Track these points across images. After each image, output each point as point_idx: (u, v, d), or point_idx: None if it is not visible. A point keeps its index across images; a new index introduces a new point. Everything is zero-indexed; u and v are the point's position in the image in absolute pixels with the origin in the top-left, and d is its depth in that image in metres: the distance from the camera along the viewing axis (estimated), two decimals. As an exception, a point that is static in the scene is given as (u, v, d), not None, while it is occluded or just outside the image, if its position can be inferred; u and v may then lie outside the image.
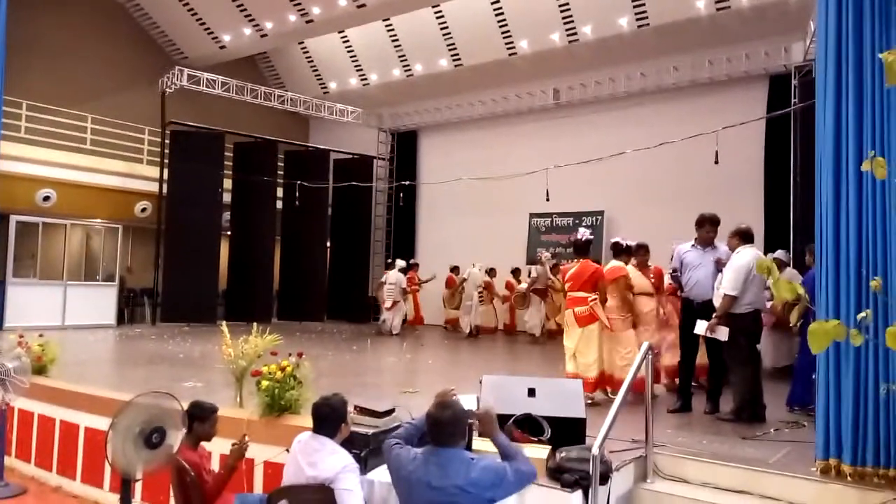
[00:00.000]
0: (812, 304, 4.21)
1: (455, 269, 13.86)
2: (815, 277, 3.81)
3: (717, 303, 5.36)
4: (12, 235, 12.01)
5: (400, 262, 13.39)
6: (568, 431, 4.01)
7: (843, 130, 3.64)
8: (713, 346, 5.57)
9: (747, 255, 5.26)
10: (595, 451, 3.15)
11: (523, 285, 12.41)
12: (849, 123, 3.61)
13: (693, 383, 5.99)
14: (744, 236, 5.45)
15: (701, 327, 5.35)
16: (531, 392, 4.29)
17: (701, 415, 5.52)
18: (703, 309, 5.54)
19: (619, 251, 6.71)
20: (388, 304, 12.88)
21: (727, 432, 4.92)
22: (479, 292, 12.98)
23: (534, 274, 11.97)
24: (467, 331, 12.86)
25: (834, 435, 3.59)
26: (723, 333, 5.22)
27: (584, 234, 6.55)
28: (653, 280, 6.77)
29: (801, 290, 2.11)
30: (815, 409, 3.87)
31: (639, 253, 6.84)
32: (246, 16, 14.86)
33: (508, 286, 13.46)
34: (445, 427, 2.85)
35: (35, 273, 12.61)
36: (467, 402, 3.52)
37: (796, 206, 10.46)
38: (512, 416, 4.04)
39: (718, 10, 11.49)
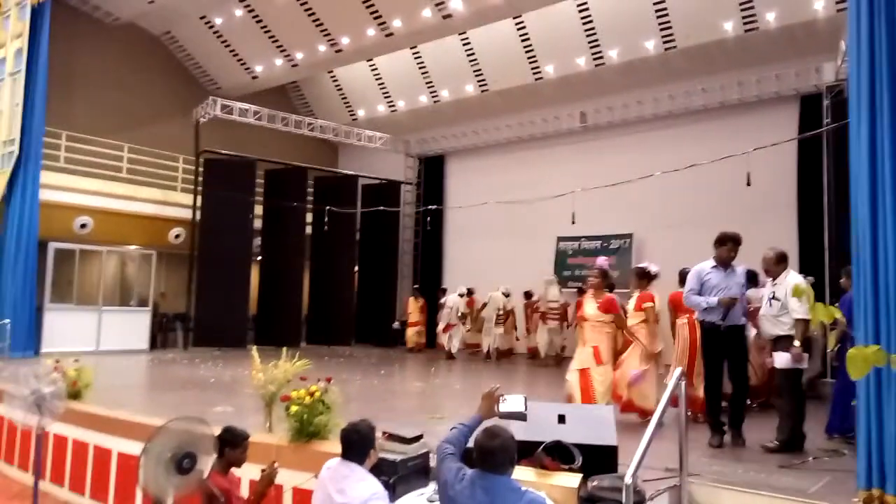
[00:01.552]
0: (850, 328, 4.10)
1: (471, 291, 14.07)
2: (854, 301, 3.72)
3: (767, 329, 5.19)
4: (50, 262, 12.32)
5: (461, 288, 14.01)
6: (599, 459, 3.93)
7: (879, 150, 3.57)
8: (738, 372, 5.39)
9: (800, 278, 5.18)
10: (628, 479, 3.07)
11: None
12: (884, 143, 3.54)
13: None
14: (786, 260, 5.36)
15: (783, 359, 5.02)
16: (561, 419, 4.22)
17: (736, 442, 5.33)
18: (731, 334, 5.32)
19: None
20: (441, 326, 13.54)
21: (764, 461, 4.78)
22: (498, 315, 13.19)
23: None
24: (485, 351, 13.16)
25: (876, 464, 3.47)
26: (805, 361, 5.04)
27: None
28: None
29: (839, 314, 2.06)
30: (854, 436, 3.75)
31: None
32: (278, 47, 15.23)
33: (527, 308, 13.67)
34: (495, 456, 2.82)
35: (72, 299, 12.90)
36: (516, 402, 3.49)
37: (831, 229, 10.26)
38: (541, 442, 3.98)
39: (747, 31, 11.42)
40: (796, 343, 4.95)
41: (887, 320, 3.45)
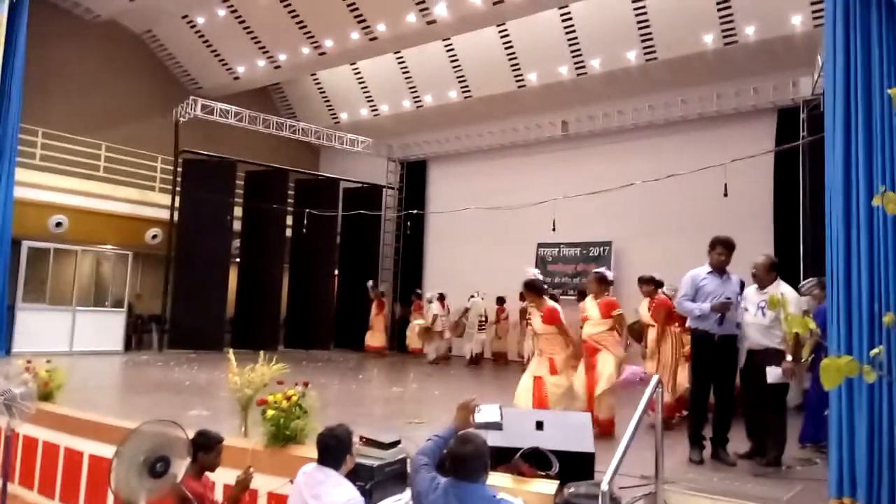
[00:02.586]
0: (823, 339, 4.17)
1: (442, 297, 14.12)
2: (827, 312, 3.77)
3: (755, 338, 5.05)
4: (24, 261, 12.09)
5: (428, 293, 14.18)
6: (576, 466, 3.95)
7: (853, 164, 3.64)
8: (726, 386, 5.22)
9: (791, 290, 5.07)
10: (604, 486, 3.09)
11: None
12: (859, 157, 3.61)
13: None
14: (777, 269, 5.16)
15: (774, 374, 4.85)
16: (539, 425, 4.24)
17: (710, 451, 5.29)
18: (723, 344, 5.14)
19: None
20: (440, 329, 13.68)
21: (738, 469, 4.83)
22: (480, 321, 13.36)
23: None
24: (468, 357, 13.27)
25: (848, 473, 3.52)
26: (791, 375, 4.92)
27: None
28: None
29: (813, 325, 2.09)
30: (827, 445, 3.80)
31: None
32: (260, 48, 15.14)
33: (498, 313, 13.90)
34: (467, 462, 2.81)
35: (45, 298, 12.66)
36: (491, 412, 3.49)
37: (806, 240, 10.41)
38: (519, 449, 3.98)
39: (726, 44, 11.60)
40: (788, 358, 4.82)
41: (859, 331, 3.51)
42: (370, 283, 14.77)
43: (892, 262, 3.42)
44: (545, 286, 6.72)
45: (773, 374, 4.84)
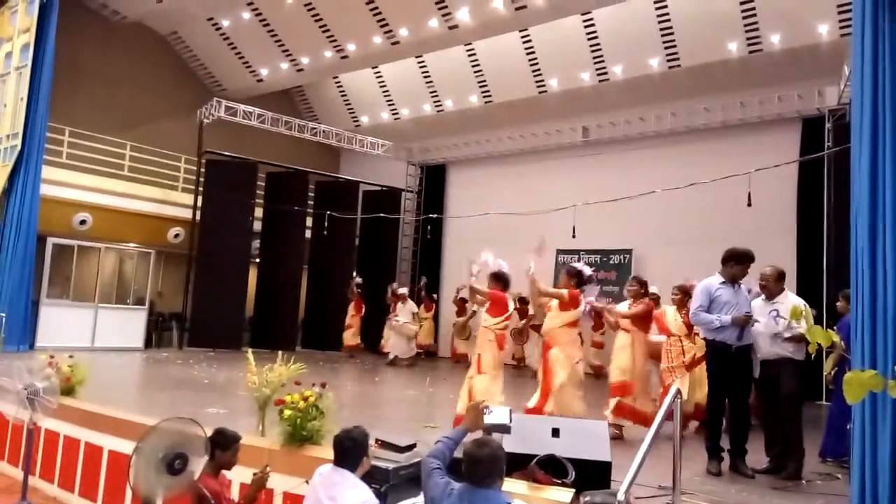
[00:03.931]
0: (846, 352, 4.10)
1: (427, 294, 14.17)
2: (851, 325, 3.72)
3: (767, 348, 5.04)
4: (48, 257, 12.30)
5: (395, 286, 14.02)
6: (592, 474, 3.92)
7: (880, 175, 3.58)
8: (742, 397, 5.20)
9: (799, 299, 5.06)
10: (621, 496, 3.06)
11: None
12: (885, 169, 3.55)
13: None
14: (784, 279, 5.18)
15: None
16: (555, 432, 4.22)
17: (729, 462, 5.24)
18: (739, 355, 5.11)
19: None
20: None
21: (757, 482, 4.77)
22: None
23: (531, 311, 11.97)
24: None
25: (870, 489, 3.46)
26: None
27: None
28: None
29: (837, 337, 2.06)
30: (849, 460, 3.74)
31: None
32: (284, 51, 15.28)
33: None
34: (483, 466, 2.77)
35: (68, 295, 12.87)
36: (501, 414, 3.48)
37: (829, 252, 10.28)
38: (535, 455, 3.97)
39: (751, 52, 11.48)
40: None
41: (884, 346, 3.45)
42: (359, 280, 14.23)
43: (918, 275, 3.37)
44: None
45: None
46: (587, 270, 6.48)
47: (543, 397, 5.97)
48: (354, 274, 14.59)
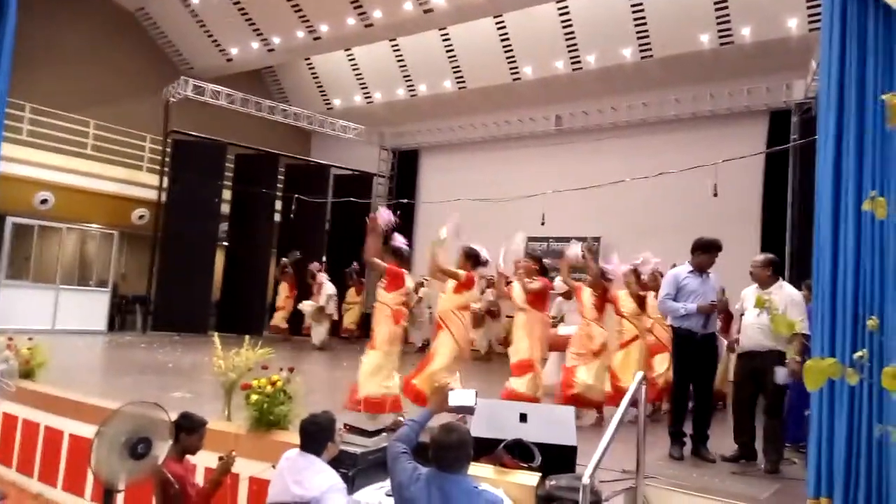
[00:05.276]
0: (807, 339, 4.20)
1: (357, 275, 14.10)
2: (812, 314, 3.80)
3: (757, 339, 4.96)
4: (7, 237, 11.96)
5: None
6: (558, 459, 3.97)
7: (844, 169, 3.66)
8: (706, 383, 5.30)
9: (794, 290, 5.03)
10: (585, 480, 3.11)
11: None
12: (849, 162, 3.63)
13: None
14: (779, 269, 5.15)
15: (782, 375, 4.78)
16: (523, 417, 4.26)
17: (691, 447, 5.34)
18: (705, 342, 5.22)
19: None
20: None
21: (717, 466, 4.88)
22: (430, 309, 13.09)
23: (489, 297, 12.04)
24: (419, 345, 12.97)
25: (826, 474, 3.56)
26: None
27: None
28: None
29: (799, 327, 2.10)
30: (806, 446, 3.84)
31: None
32: (254, 30, 14.98)
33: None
34: (450, 451, 2.79)
35: (28, 276, 12.55)
36: (466, 395, 3.49)
37: (793, 242, 10.49)
38: (502, 440, 4.00)
39: (722, 44, 11.61)
40: (797, 358, 4.65)
41: (843, 334, 3.54)
42: (285, 259, 13.42)
43: (878, 266, 3.45)
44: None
45: (781, 374, 4.79)
46: (484, 253, 6.42)
47: (418, 370, 5.90)
48: (285, 259, 13.50)
